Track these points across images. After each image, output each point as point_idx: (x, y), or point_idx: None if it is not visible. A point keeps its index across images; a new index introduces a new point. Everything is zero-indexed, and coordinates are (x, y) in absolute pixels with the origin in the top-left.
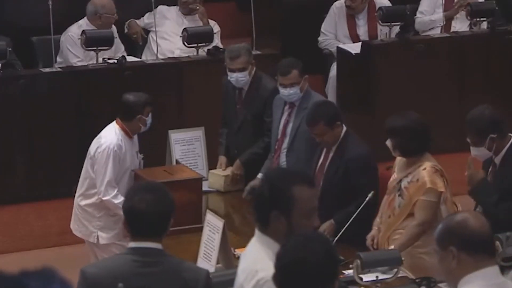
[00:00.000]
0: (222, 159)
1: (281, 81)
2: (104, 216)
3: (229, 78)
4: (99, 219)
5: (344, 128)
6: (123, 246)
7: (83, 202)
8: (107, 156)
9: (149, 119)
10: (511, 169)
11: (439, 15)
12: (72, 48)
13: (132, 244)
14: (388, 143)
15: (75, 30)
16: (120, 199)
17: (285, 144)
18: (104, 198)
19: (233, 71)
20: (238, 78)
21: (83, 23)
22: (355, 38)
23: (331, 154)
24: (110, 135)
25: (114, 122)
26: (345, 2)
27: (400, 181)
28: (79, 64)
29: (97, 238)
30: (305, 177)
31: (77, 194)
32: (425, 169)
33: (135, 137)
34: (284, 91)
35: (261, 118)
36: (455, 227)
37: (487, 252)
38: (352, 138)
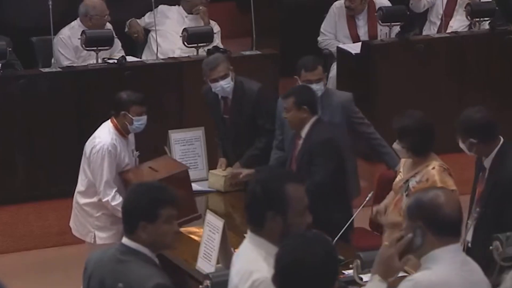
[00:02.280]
0: (222, 160)
1: (308, 77)
2: (102, 216)
3: (213, 90)
4: (97, 219)
5: (315, 117)
6: None
7: (82, 201)
8: (102, 157)
9: (140, 120)
10: (499, 177)
11: None
12: (63, 50)
13: (123, 240)
14: (397, 146)
15: (66, 32)
16: (118, 200)
17: None
18: (103, 200)
19: (216, 80)
20: (223, 86)
21: (75, 24)
22: (355, 38)
23: (300, 142)
24: (104, 134)
25: (109, 120)
26: (344, 3)
27: (407, 181)
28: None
29: (94, 238)
30: (295, 175)
31: (76, 193)
32: (433, 168)
33: (132, 136)
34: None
35: (253, 121)
36: (427, 203)
37: (452, 234)
38: (321, 125)
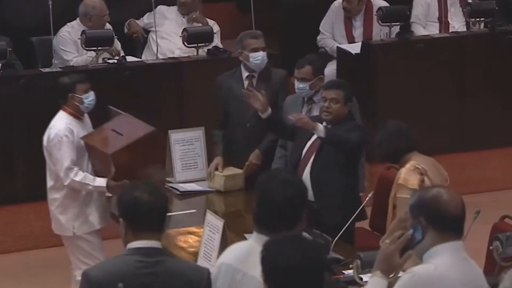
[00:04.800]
0: (218, 159)
1: (295, 73)
2: (77, 207)
3: (251, 60)
4: (73, 210)
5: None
6: (98, 236)
7: (55, 195)
8: (58, 144)
9: (89, 97)
10: None
11: None
12: (65, 46)
13: (134, 244)
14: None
15: (65, 30)
16: (81, 175)
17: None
18: (66, 183)
19: (257, 50)
20: (263, 56)
21: (75, 24)
22: (350, 39)
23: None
24: (57, 122)
25: (61, 109)
26: (342, 4)
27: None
28: (76, 59)
29: (73, 230)
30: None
31: (48, 190)
32: (404, 167)
33: (87, 118)
34: (295, 84)
35: (274, 104)
36: (428, 200)
37: (454, 230)
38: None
